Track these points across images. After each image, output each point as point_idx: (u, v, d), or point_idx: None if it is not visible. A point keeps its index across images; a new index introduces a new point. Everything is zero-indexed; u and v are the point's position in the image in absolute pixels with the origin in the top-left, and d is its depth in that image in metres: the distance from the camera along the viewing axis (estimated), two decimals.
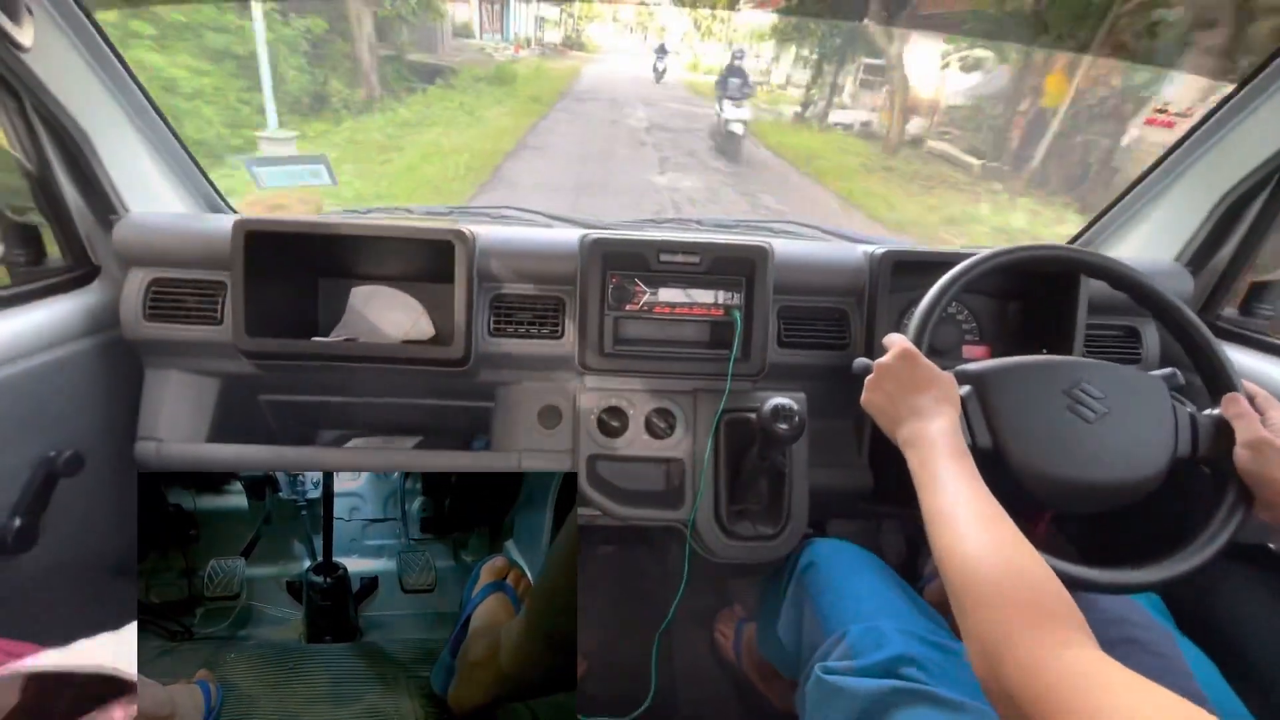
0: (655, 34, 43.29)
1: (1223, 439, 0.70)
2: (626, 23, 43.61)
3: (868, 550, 0.96)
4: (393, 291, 1.13)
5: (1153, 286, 0.81)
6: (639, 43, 34.63)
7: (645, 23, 44.51)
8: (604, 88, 16.41)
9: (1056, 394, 0.74)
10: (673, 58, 19.21)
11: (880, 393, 0.74)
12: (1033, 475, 0.72)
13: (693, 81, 20.11)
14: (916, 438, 0.67)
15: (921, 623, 0.80)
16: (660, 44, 21.08)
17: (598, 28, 32.42)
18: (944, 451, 0.63)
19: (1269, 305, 1.12)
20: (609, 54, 28.97)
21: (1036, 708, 0.41)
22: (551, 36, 29.72)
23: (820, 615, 0.87)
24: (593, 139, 9.64)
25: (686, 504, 1.01)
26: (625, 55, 27.63)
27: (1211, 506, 0.70)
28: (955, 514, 0.57)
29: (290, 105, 7.63)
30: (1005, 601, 0.47)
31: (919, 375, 0.71)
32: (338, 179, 1.19)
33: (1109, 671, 0.41)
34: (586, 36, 31.95)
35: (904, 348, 0.74)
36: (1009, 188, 8.77)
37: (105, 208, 1.04)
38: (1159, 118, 7.00)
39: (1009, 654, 0.44)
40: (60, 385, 0.96)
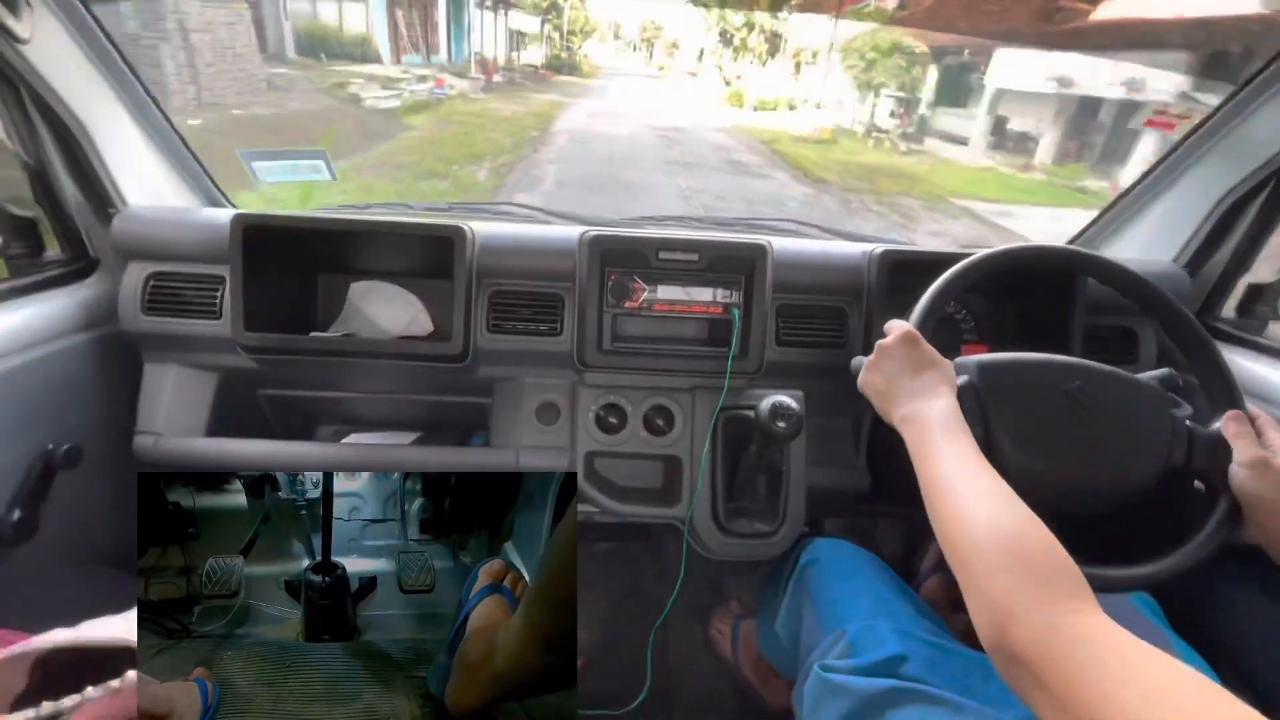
0: (665, 50, 35.37)
1: (1219, 454, 0.70)
2: (630, 40, 35.68)
3: (866, 550, 0.97)
4: (391, 287, 1.13)
5: (1155, 289, 0.81)
6: (643, 61, 28.58)
7: (652, 38, 35.71)
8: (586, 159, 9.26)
9: (1053, 392, 0.74)
10: (696, 83, 14.77)
11: (879, 373, 0.73)
12: (1023, 471, 0.71)
13: (749, 128, 14.64)
14: (915, 415, 0.66)
15: (919, 622, 0.80)
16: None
17: (595, 44, 24.16)
18: (943, 426, 0.63)
19: (1266, 307, 1.12)
20: (609, 77, 21.79)
21: (1046, 669, 0.42)
22: (533, 56, 22.82)
23: (819, 614, 0.87)
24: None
25: (684, 501, 1.01)
26: (626, 81, 20.16)
27: (1204, 511, 0.71)
28: (956, 484, 0.57)
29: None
30: (1013, 566, 0.47)
31: (920, 358, 0.71)
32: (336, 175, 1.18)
33: (1119, 636, 0.42)
34: (581, 56, 24.77)
35: (906, 330, 0.73)
36: None
37: (104, 201, 1.04)
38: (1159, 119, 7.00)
39: (1019, 617, 0.45)
40: (58, 378, 0.96)
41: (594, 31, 24.60)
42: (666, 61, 23.58)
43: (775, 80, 19.81)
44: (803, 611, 0.92)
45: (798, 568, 0.98)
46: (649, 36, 32.25)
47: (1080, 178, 12.14)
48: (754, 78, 21.37)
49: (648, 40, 32.68)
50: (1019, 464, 0.71)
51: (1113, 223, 1.28)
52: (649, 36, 32.25)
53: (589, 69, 23.98)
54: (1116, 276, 0.83)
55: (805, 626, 0.90)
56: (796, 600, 0.95)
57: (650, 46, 31.39)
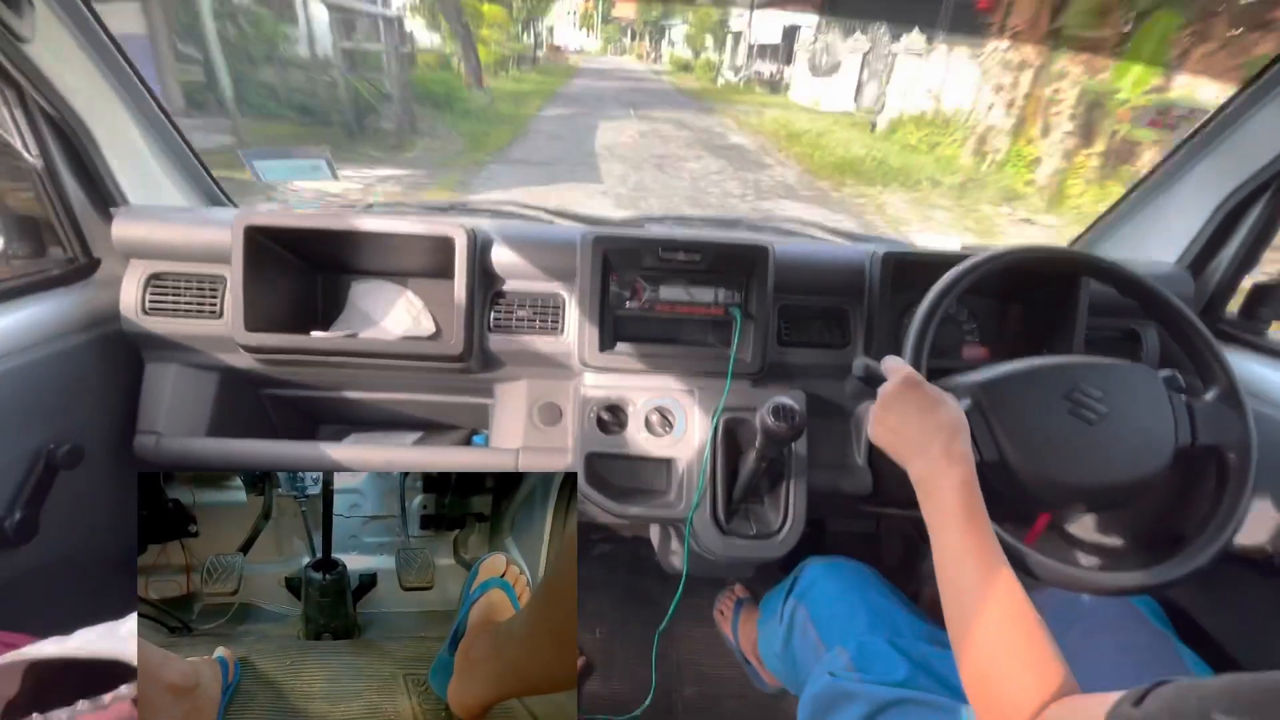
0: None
1: (1224, 421, 0.72)
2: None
3: (863, 565, 0.98)
4: (393, 287, 1.13)
5: (1156, 289, 0.81)
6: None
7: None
8: None
9: (1057, 399, 0.74)
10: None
11: (886, 428, 0.71)
12: (1040, 483, 0.72)
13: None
14: (929, 483, 0.64)
15: (920, 630, 0.81)
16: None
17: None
18: (956, 511, 0.61)
19: (1269, 309, 1.12)
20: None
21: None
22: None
23: (820, 633, 0.89)
24: None
25: (685, 502, 1.01)
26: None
27: (1210, 509, 0.71)
28: (963, 572, 0.58)
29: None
30: (1002, 643, 0.52)
31: (923, 401, 0.69)
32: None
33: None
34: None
35: (906, 374, 0.71)
36: None
37: (105, 200, 1.04)
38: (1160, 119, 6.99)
39: (999, 688, 0.50)
40: (59, 378, 0.96)
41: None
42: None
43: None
44: (803, 633, 0.94)
45: (794, 591, 1.00)
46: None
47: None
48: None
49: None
50: (1033, 474, 0.71)
51: (1114, 224, 1.28)
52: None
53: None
54: (1118, 277, 0.83)
55: (807, 647, 0.91)
56: (794, 621, 0.96)
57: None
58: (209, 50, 7.02)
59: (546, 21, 35.29)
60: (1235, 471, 0.73)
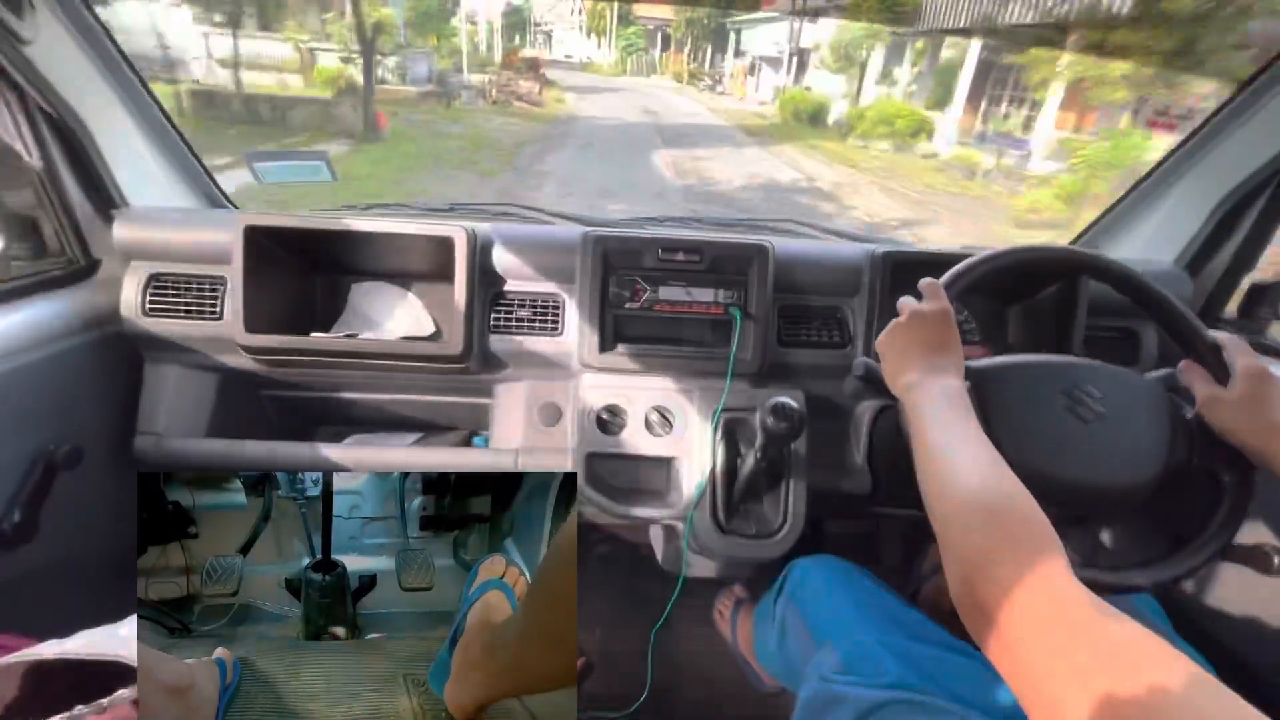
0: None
1: (1225, 445, 0.69)
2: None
3: (850, 563, 0.98)
4: (393, 288, 1.13)
5: (1154, 287, 0.81)
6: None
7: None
8: None
9: (1055, 394, 0.73)
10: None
11: (904, 338, 0.71)
12: (1028, 474, 0.71)
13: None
14: (921, 384, 0.65)
15: (912, 637, 0.81)
16: None
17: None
18: (948, 400, 0.62)
19: (1268, 308, 1.12)
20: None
21: (1006, 621, 0.42)
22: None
23: (810, 630, 0.89)
24: None
25: (685, 502, 1.01)
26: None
27: (1208, 510, 0.71)
28: (950, 450, 0.57)
29: None
30: (989, 525, 0.48)
31: (948, 338, 0.69)
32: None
33: (1082, 596, 0.41)
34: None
35: (944, 306, 0.71)
36: None
37: (106, 201, 1.04)
38: (1160, 120, 7.00)
39: (988, 571, 0.45)
40: (59, 379, 0.96)
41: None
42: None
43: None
44: (794, 630, 0.94)
45: (784, 589, 1.00)
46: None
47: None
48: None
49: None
50: (1023, 467, 0.70)
51: (1114, 223, 1.28)
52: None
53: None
54: (1116, 275, 0.83)
55: (798, 645, 0.92)
56: (786, 621, 0.97)
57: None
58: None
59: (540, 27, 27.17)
60: (1234, 486, 0.71)
